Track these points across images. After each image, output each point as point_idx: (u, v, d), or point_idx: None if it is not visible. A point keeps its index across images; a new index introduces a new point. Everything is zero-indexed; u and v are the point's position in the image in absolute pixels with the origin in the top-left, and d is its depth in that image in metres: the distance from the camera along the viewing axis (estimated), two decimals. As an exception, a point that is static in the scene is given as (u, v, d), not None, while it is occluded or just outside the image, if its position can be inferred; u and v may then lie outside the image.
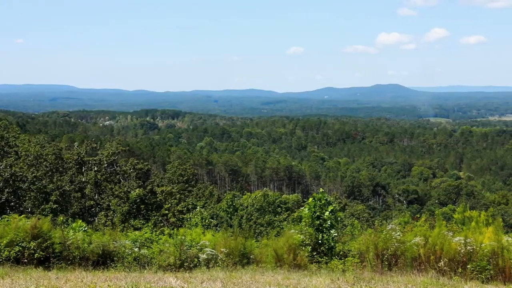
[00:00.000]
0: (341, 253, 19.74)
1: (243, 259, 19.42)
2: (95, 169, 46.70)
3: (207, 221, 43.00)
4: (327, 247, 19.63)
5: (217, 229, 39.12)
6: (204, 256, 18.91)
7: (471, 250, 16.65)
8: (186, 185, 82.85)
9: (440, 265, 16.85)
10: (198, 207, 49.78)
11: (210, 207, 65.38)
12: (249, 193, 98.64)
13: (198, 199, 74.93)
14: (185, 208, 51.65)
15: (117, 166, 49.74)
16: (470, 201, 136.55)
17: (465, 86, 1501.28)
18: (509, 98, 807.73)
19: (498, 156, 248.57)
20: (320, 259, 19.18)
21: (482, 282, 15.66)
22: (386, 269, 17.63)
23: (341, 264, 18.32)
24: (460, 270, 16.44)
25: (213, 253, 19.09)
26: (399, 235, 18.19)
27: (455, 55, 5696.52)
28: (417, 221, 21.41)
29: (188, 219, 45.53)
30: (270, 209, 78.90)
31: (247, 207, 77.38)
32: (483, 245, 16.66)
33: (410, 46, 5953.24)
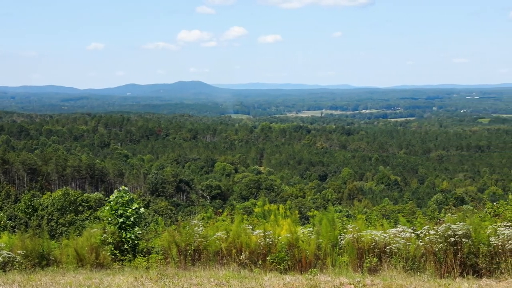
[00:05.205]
0: (145, 250, 19.67)
1: (43, 261, 18.77)
2: None
3: (2, 222, 40.92)
4: (130, 245, 19.46)
5: (14, 230, 37.43)
6: (0, 259, 18.03)
7: (270, 243, 17.25)
8: (-20, 186, 78.44)
9: (241, 258, 17.29)
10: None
11: (6, 208, 62.55)
12: (49, 193, 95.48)
13: (-6, 200, 71.28)
14: (-21, 210, 48.88)
15: None
16: (270, 194, 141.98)
17: (264, 83, 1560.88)
18: (305, 95, 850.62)
19: (296, 151, 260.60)
20: (123, 257, 18.99)
21: (281, 272, 16.25)
22: (190, 264, 17.80)
23: (145, 261, 18.23)
24: (260, 262, 16.96)
25: (9, 255, 18.25)
26: (201, 230, 18.44)
27: (253, 53, 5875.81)
28: (219, 216, 21.80)
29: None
30: (71, 208, 76.92)
31: (47, 207, 74.83)
32: (281, 237, 17.33)
33: (211, 44, 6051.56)
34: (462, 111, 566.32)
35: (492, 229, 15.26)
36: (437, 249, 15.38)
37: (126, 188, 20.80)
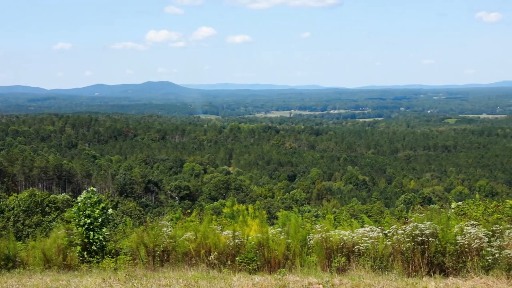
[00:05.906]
0: (113, 251, 19.53)
1: (9, 263, 18.54)
2: None
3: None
4: (98, 246, 19.31)
5: (-20, 233, 36.88)
6: (-35, 262, 17.78)
7: (239, 243, 17.23)
8: None
9: (210, 259, 17.24)
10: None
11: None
12: (16, 194, 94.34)
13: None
14: None
15: None
16: (239, 195, 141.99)
17: (233, 84, 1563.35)
18: (273, 96, 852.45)
19: (265, 151, 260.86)
20: (91, 258, 18.83)
21: (250, 273, 16.24)
22: (159, 265, 17.71)
23: (113, 262, 18.09)
24: (229, 262, 16.94)
25: (-26, 258, 18.00)
26: (170, 231, 18.34)
27: (222, 53, 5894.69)
28: (188, 217, 21.73)
29: None
30: (38, 209, 76.06)
31: (13, 208, 73.95)
32: (250, 237, 17.32)
33: (179, 44, 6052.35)
34: (429, 112, 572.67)
35: (458, 229, 15.41)
36: (404, 249, 15.49)
37: (95, 189, 20.64)
